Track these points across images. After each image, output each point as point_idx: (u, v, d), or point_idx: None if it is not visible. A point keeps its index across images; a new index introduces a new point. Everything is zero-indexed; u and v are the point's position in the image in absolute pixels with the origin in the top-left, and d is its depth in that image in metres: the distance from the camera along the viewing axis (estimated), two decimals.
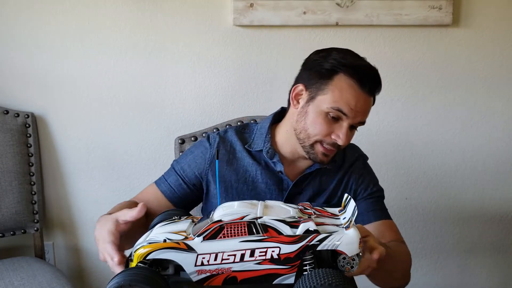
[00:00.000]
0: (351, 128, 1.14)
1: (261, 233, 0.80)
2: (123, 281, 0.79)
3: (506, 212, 2.04)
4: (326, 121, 1.11)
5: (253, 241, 0.79)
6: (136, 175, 1.94)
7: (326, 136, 1.12)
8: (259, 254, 0.79)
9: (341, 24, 1.83)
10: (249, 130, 1.27)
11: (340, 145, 1.13)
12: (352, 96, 1.09)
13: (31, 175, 1.85)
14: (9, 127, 1.81)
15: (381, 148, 1.95)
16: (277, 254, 0.78)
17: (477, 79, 1.93)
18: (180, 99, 1.90)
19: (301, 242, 0.79)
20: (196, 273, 0.80)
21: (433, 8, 1.82)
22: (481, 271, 2.09)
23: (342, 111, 1.10)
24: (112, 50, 1.86)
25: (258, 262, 0.79)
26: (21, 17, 1.82)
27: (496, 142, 1.98)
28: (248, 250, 0.79)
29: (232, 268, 0.79)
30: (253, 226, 0.80)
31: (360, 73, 1.10)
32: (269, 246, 0.79)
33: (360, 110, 1.11)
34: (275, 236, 0.79)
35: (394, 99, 1.93)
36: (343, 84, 1.10)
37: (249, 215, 0.81)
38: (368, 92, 1.11)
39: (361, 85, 1.10)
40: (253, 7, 1.80)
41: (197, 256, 0.80)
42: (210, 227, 0.81)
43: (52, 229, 1.98)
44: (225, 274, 0.80)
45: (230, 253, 0.79)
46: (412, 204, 2.00)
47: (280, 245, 0.79)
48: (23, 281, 1.62)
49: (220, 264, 0.79)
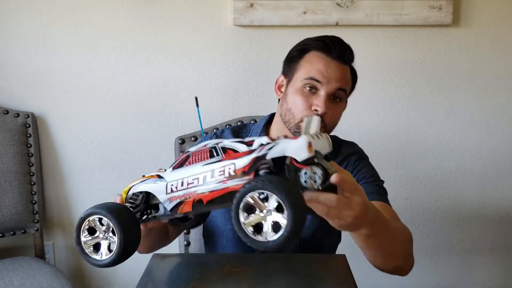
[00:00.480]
0: (334, 98, 1.16)
1: (221, 155, 0.83)
2: (91, 210, 0.85)
3: (506, 212, 2.04)
4: (304, 95, 1.15)
5: (214, 163, 0.82)
6: (136, 175, 1.93)
7: (307, 109, 1.14)
8: (218, 173, 0.81)
9: (341, 24, 1.83)
10: (246, 129, 1.30)
11: (323, 116, 1.12)
12: (322, 64, 1.14)
13: (31, 175, 1.85)
14: (9, 127, 1.81)
15: (381, 148, 1.95)
16: (233, 170, 0.80)
17: (477, 79, 1.93)
18: (180, 99, 1.90)
19: (253, 154, 0.79)
20: (168, 201, 0.86)
21: (433, 8, 1.82)
22: (481, 271, 2.09)
23: (315, 79, 1.14)
24: (112, 50, 1.86)
25: (218, 182, 0.81)
26: (22, 17, 1.83)
27: (496, 142, 1.97)
28: (208, 171, 0.82)
29: (197, 191, 0.83)
30: (213, 151, 0.84)
31: (324, 43, 1.16)
32: (226, 164, 0.81)
33: (333, 76, 1.14)
34: (232, 155, 0.82)
35: (394, 99, 1.93)
36: (312, 58, 1.16)
37: (212, 142, 0.85)
38: (337, 58, 1.15)
39: (328, 53, 1.15)
40: (253, 7, 1.80)
41: (166, 184, 0.86)
42: (179, 158, 0.87)
43: (52, 229, 1.98)
44: (192, 198, 0.83)
45: (194, 176, 0.83)
46: (412, 204, 2.00)
47: (234, 161, 0.80)
48: (23, 281, 1.62)
49: (186, 189, 0.84)
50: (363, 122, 1.93)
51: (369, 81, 1.90)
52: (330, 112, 1.14)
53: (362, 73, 1.91)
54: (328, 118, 1.15)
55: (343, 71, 1.16)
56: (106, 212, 0.83)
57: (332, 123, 1.17)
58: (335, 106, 1.16)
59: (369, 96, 1.92)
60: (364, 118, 1.93)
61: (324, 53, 1.15)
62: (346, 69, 1.18)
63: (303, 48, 1.19)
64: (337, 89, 1.15)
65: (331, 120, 1.15)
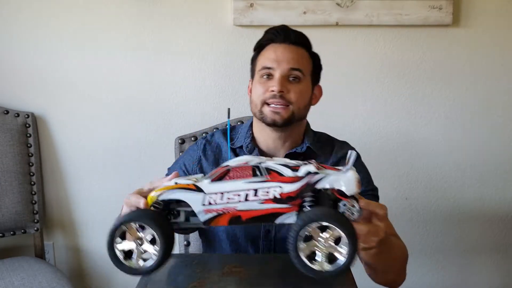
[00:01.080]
0: (293, 80, 1.19)
1: (265, 175, 0.84)
2: (122, 219, 0.82)
3: (506, 212, 2.03)
4: (261, 82, 1.20)
5: (257, 182, 0.83)
6: (136, 175, 1.94)
7: (265, 92, 1.18)
8: (262, 194, 0.83)
9: (341, 24, 1.83)
10: (236, 130, 1.32)
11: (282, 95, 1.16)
12: (270, 51, 1.21)
13: (31, 175, 1.85)
14: (9, 127, 1.81)
15: (381, 148, 1.95)
16: (279, 193, 0.82)
17: (477, 79, 1.93)
18: (180, 99, 1.90)
19: (302, 181, 0.82)
20: (203, 212, 0.85)
21: (433, 8, 1.82)
22: (481, 271, 2.09)
23: (266, 66, 1.19)
24: (112, 50, 1.86)
25: (261, 201, 0.83)
26: (21, 17, 1.83)
27: (496, 142, 1.97)
28: (252, 190, 0.83)
29: (237, 207, 0.83)
30: (257, 169, 0.84)
31: (269, 33, 1.23)
32: (272, 186, 0.83)
33: (282, 58, 1.18)
34: (277, 177, 0.84)
35: (394, 99, 1.92)
36: (264, 52, 1.23)
37: (254, 160, 0.86)
38: (284, 41, 1.21)
39: (274, 39, 1.22)
40: (253, 7, 1.80)
41: (204, 196, 0.84)
42: (218, 171, 0.86)
43: (52, 229, 1.98)
44: (231, 213, 0.84)
45: (235, 192, 0.83)
46: (412, 204, 2.00)
47: (281, 185, 0.83)
48: (23, 281, 1.62)
49: (226, 203, 0.84)
50: (363, 122, 1.93)
51: (369, 81, 1.91)
52: (291, 92, 1.17)
53: (362, 73, 1.92)
54: (289, 97, 1.18)
55: (293, 51, 1.20)
56: (148, 220, 0.82)
57: (296, 103, 1.18)
58: (293, 85, 1.19)
59: (369, 96, 1.92)
60: (364, 118, 1.93)
61: (272, 43, 1.22)
62: (296, 49, 1.21)
63: (258, 47, 1.26)
64: (290, 69, 1.18)
65: (293, 100, 1.18)
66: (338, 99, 1.90)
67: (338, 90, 1.90)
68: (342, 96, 1.91)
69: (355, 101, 1.92)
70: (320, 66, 1.28)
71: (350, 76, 1.90)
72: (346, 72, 1.89)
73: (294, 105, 1.18)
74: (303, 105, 1.21)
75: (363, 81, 1.91)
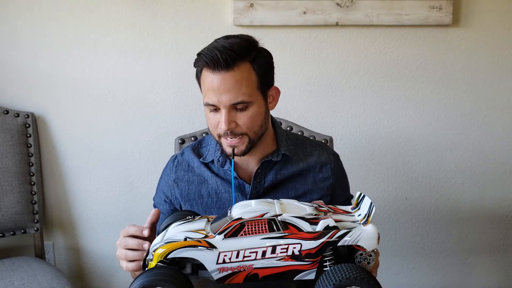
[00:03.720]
0: (240, 110, 1.09)
1: (282, 230, 0.81)
2: (147, 282, 0.77)
3: (506, 212, 2.04)
4: (211, 116, 1.12)
5: (274, 238, 0.80)
6: (136, 175, 1.94)
7: (217, 127, 1.11)
8: (280, 251, 0.80)
9: (341, 24, 1.83)
10: (205, 143, 1.28)
11: (225, 130, 1.09)
12: (208, 85, 1.09)
13: (31, 175, 1.85)
14: (9, 127, 1.81)
15: (381, 148, 1.95)
16: (298, 250, 0.80)
17: (477, 79, 1.93)
18: (180, 99, 1.90)
19: (322, 238, 0.80)
20: (217, 271, 0.81)
21: (433, 8, 1.82)
22: (481, 271, 2.09)
23: (209, 104, 1.10)
24: (112, 50, 1.86)
25: (279, 259, 0.80)
26: (22, 17, 1.82)
27: (496, 142, 1.97)
28: (269, 247, 0.80)
29: (253, 265, 0.81)
30: (273, 223, 0.81)
31: (201, 59, 1.09)
32: (291, 243, 0.80)
33: (221, 92, 1.07)
34: (295, 232, 0.81)
35: (394, 99, 1.93)
36: (203, 78, 1.11)
37: (269, 212, 0.82)
38: (216, 68, 1.07)
39: (207, 67, 1.08)
40: (253, 7, 1.80)
41: (218, 254, 0.81)
42: (230, 225, 0.82)
43: (52, 229, 1.98)
44: (247, 271, 0.81)
45: (252, 250, 0.80)
46: (412, 204, 2.00)
47: (301, 242, 0.80)
48: (23, 281, 1.62)
49: (242, 261, 0.80)
50: (363, 122, 1.93)
51: (369, 81, 1.91)
52: (240, 122, 1.10)
53: (362, 73, 1.92)
54: (240, 130, 1.10)
55: (229, 79, 1.07)
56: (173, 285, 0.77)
57: (250, 130, 1.11)
58: (242, 114, 1.10)
59: (369, 96, 1.92)
60: (364, 118, 1.93)
61: (206, 69, 1.09)
62: (232, 75, 1.07)
63: (197, 72, 1.14)
64: (232, 104, 1.08)
65: (245, 129, 1.11)
66: (338, 99, 1.90)
67: (338, 90, 1.90)
68: (342, 96, 1.91)
69: (355, 101, 1.92)
70: (270, 65, 1.16)
71: (350, 76, 1.90)
72: (346, 72, 1.89)
73: (249, 133, 1.11)
74: (258, 127, 1.13)
75: (363, 81, 1.91)
